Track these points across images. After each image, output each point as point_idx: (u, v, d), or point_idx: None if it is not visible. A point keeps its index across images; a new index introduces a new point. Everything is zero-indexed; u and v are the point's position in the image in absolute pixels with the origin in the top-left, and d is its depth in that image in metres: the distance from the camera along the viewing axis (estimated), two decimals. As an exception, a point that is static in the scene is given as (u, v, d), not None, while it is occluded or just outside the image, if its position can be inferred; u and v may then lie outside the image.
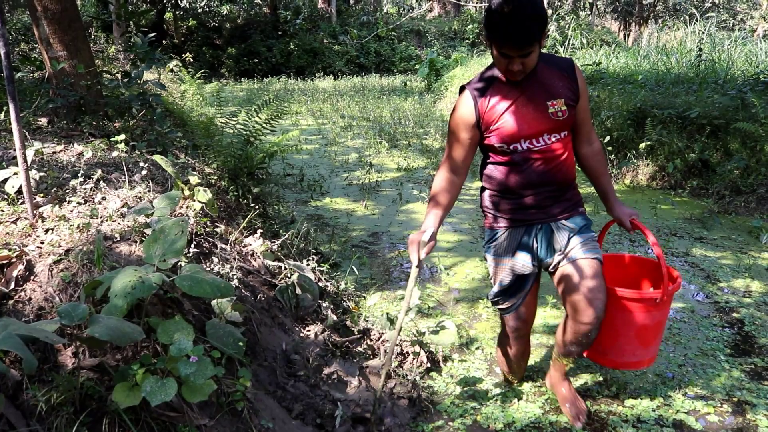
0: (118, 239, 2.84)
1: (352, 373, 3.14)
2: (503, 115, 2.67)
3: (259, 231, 3.97)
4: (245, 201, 4.90)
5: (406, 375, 3.38)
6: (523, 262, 2.92)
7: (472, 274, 5.13)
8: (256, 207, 4.89)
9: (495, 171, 2.85)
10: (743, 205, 6.76)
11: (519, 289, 3.01)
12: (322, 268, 4.30)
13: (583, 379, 3.50)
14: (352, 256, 5.34)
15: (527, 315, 3.11)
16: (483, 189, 3.01)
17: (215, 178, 4.77)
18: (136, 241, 2.84)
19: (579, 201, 2.94)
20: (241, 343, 2.54)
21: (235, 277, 3.16)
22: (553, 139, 2.72)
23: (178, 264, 2.65)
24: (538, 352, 3.88)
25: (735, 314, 4.39)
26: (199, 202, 3.46)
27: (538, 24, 2.43)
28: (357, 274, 4.93)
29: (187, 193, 3.50)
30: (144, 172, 3.84)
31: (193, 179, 3.52)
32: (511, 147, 2.71)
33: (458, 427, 3.12)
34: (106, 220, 2.99)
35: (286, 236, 4.43)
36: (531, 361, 3.69)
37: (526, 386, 3.45)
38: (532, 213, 2.85)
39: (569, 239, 2.84)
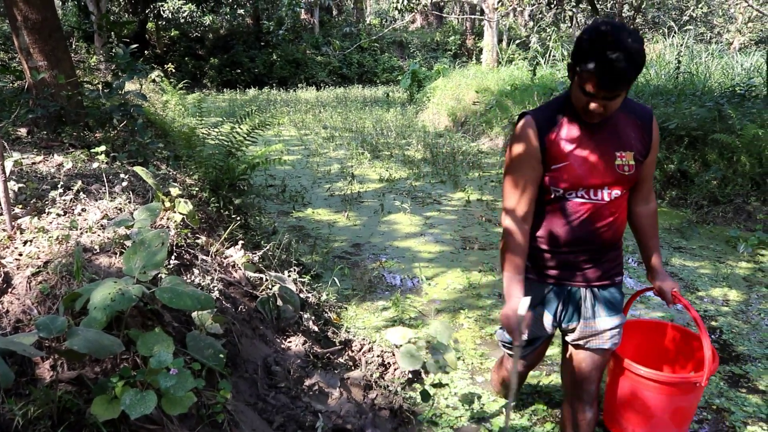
0: (98, 251, 2.83)
1: (333, 384, 3.13)
2: (568, 156, 2.38)
3: (240, 242, 3.97)
4: (226, 212, 4.89)
5: (388, 386, 3.38)
6: (544, 321, 2.65)
7: (453, 285, 5.14)
8: (238, 218, 4.88)
9: (536, 218, 2.54)
10: (721, 215, 6.84)
11: (529, 343, 2.76)
12: (303, 279, 4.30)
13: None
14: (334, 267, 5.34)
15: (534, 361, 2.93)
16: None
17: (196, 189, 4.76)
18: (116, 253, 2.83)
19: (620, 266, 2.64)
20: (221, 355, 2.53)
21: (215, 288, 3.15)
22: (613, 195, 2.42)
23: (159, 276, 2.64)
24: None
25: (713, 323, 4.44)
26: (180, 213, 3.45)
27: (637, 72, 2.18)
28: (338, 285, 4.93)
29: (167, 204, 3.49)
30: (124, 184, 3.82)
31: (174, 191, 3.51)
32: (567, 194, 2.42)
33: (440, 438, 3.13)
34: (86, 232, 2.98)
35: (268, 247, 4.42)
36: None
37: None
38: (566, 273, 2.56)
39: (596, 317, 2.57)
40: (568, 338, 2.66)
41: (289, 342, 3.38)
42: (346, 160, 10.36)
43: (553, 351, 3.90)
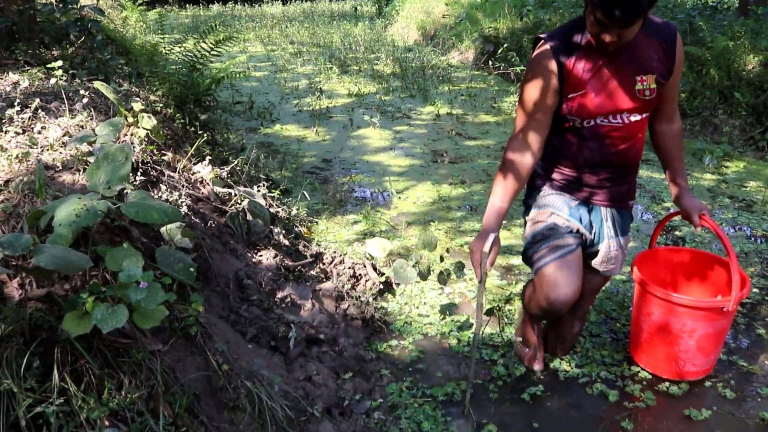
0: (60, 168, 2.77)
1: (305, 296, 3.17)
2: (586, 84, 2.31)
3: (208, 158, 3.92)
4: (192, 128, 4.81)
5: (360, 297, 3.43)
6: (574, 222, 2.58)
7: (424, 198, 5.17)
8: (204, 134, 4.81)
9: (558, 140, 2.51)
10: (688, 128, 6.89)
11: (560, 236, 2.57)
12: (273, 195, 4.28)
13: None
14: (304, 182, 5.32)
15: (573, 281, 2.54)
16: None
17: (161, 105, 4.65)
18: (79, 170, 2.77)
19: (634, 190, 2.66)
20: (192, 269, 2.53)
21: (184, 204, 3.12)
22: (632, 119, 2.38)
23: (125, 191, 2.60)
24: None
25: (677, 233, 4.54)
26: (144, 129, 3.38)
27: (649, 1, 2.08)
28: (309, 200, 4.93)
29: (130, 120, 3.41)
30: (85, 101, 3.71)
31: (137, 106, 3.42)
32: (585, 122, 2.38)
33: (411, 346, 3.20)
34: (47, 150, 2.91)
35: (236, 163, 4.38)
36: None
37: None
38: (585, 191, 2.55)
39: (613, 237, 2.61)
40: (588, 260, 2.66)
41: (260, 256, 3.39)
42: (314, 76, 10.19)
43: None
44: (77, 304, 2.11)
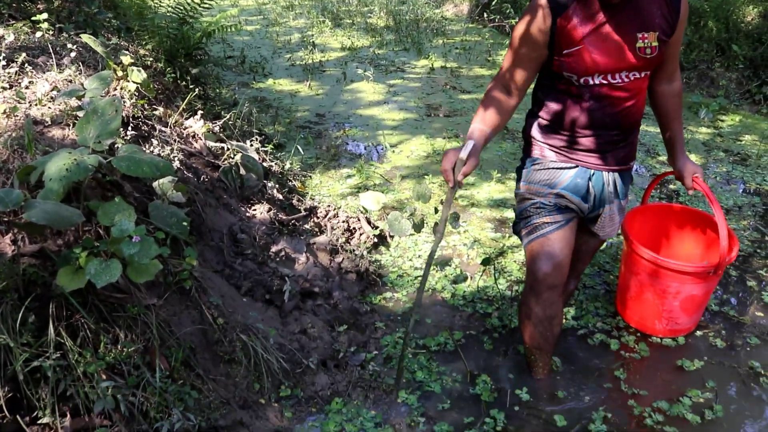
0: (49, 123, 2.74)
1: (299, 249, 3.17)
2: (583, 40, 2.16)
3: (200, 113, 3.87)
4: (183, 83, 4.74)
5: (354, 250, 3.44)
6: (575, 203, 2.44)
7: (418, 151, 5.14)
8: (196, 89, 4.74)
9: (553, 99, 2.36)
10: (684, 81, 6.82)
11: (548, 213, 2.47)
12: (266, 149, 4.26)
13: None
14: (297, 137, 5.29)
15: (563, 253, 2.48)
16: (532, 113, 2.48)
17: (150, 60, 4.58)
18: (68, 125, 2.74)
19: (635, 151, 2.51)
20: (185, 223, 2.52)
21: (176, 159, 3.10)
22: (632, 78, 2.24)
23: (115, 146, 2.58)
24: (481, 224, 3.97)
25: (671, 186, 4.55)
26: (134, 82, 3.33)
27: None
28: (302, 154, 4.91)
29: (120, 74, 3.36)
30: (73, 55, 3.65)
31: (126, 59, 3.36)
32: (582, 80, 2.23)
33: (405, 299, 3.22)
34: (35, 105, 2.87)
35: (228, 117, 4.34)
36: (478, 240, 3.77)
37: (477, 268, 3.56)
38: (584, 155, 2.39)
39: (613, 201, 2.49)
40: (589, 225, 2.58)
41: (254, 210, 3.38)
42: (306, 29, 10.03)
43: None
44: (70, 259, 2.11)
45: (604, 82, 2.22)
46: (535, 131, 2.45)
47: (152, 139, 3.13)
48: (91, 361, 2.07)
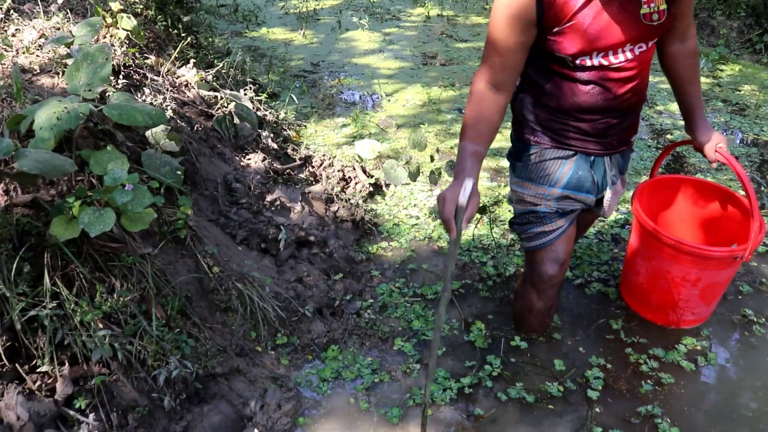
0: (38, 72, 2.69)
1: (294, 198, 3.16)
2: (575, 15, 1.83)
3: (192, 61, 3.81)
4: (175, 31, 4.66)
5: (349, 199, 3.43)
6: (581, 201, 2.27)
7: (413, 100, 5.10)
8: (188, 37, 4.66)
9: (545, 80, 2.05)
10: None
11: (549, 221, 2.28)
12: (260, 98, 4.21)
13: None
14: (291, 86, 5.23)
15: (566, 253, 2.34)
16: (521, 88, 2.17)
17: (141, 7, 4.48)
18: (58, 73, 2.70)
19: (637, 124, 2.25)
20: (179, 172, 2.51)
21: (169, 108, 3.06)
22: (637, 52, 1.93)
23: (106, 94, 2.55)
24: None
25: (669, 136, 4.52)
26: (124, 29, 3.26)
27: None
28: (297, 104, 4.86)
29: (109, 20, 3.29)
30: (60, 1, 3.57)
31: (115, 5, 3.30)
32: (578, 61, 1.92)
33: (401, 247, 3.22)
34: (23, 53, 2.82)
35: (221, 66, 4.28)
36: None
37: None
38: (585, 141, 2.14)
39: (610, 187, 2.29)
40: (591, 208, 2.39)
41: (249, 159, 3.36)
42: (300, -24, 9.84)
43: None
44: (64, 208, 2.09)
45: (604, 62, 1.93)
46: (526, 111, 2.17)
47: (144, 88, 3.09)
48: (88, 311, 2.07)
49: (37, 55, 2.80)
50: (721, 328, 2.72)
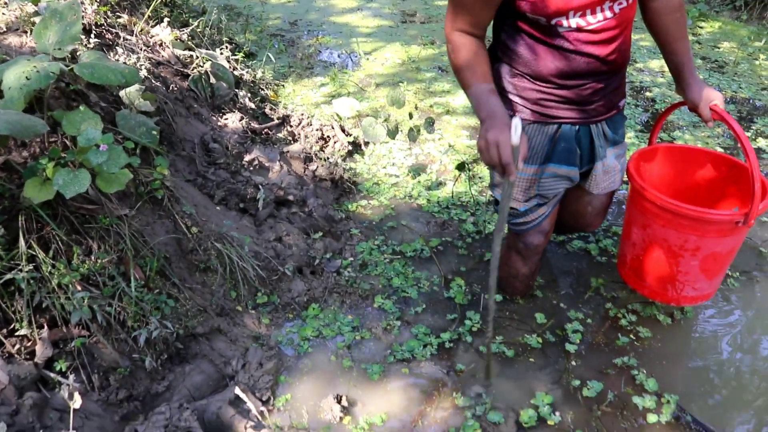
0: (5, 30, 2.62)
1: (273, 158, 3.14)
2: None
3: (166, 20, 3.74)
4: (148, -11, 4.56)
5: (328, 158, 3.41)
6: (565, 176, 2.13)
7: (392, 59, 5.05)
8: (161, -5, 4.57)
9: (522, 46, 1.92)
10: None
11: (540, 206, 2.23)
12: (236, 57, 4.15)
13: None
14: (269, 45, 5.16)
15: (551, 225, 2.32)
16: (497, 59, 2.04)
17: (111, -37, 4.38)
18: (26, 32, 2.63)
19: (624, 86, 2.14)
20: (154, 132, 2.47)
21: (143, 67, 3.01)
22: (617, 9, 1.80)
23: (77, 53, 2.49)
24: (456, 132, 3.95)
25: (648, 93, 4.53)
26: (94, -13, 3.19)
27: None
28: (274, 63, 4.80)
29: (79, -22, 3.21)
30: (29, -42, 3.48)
31: (84, -38, 3.21)
32: (553, 22, 1.79)
33: (380, 206, 3.22)
34: (-10, 11, 2.75)
35: (196, 25, 4.20)
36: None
37: (451, 174, 3.55)
38: (567, 110, 2.01)
39: (601, 159, 2.15)
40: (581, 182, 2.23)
41: (226, 119, 3.32)
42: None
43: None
44: (37, 170, 2.06)
45: (582, 23, 1.80)
46: (505, 83, 2.04)
47: (117, 48, 3.03)
48: (65, 273, 2.05)
49: (3, 13, 2.73)
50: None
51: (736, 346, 2.44)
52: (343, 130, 3.69)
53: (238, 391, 2.01)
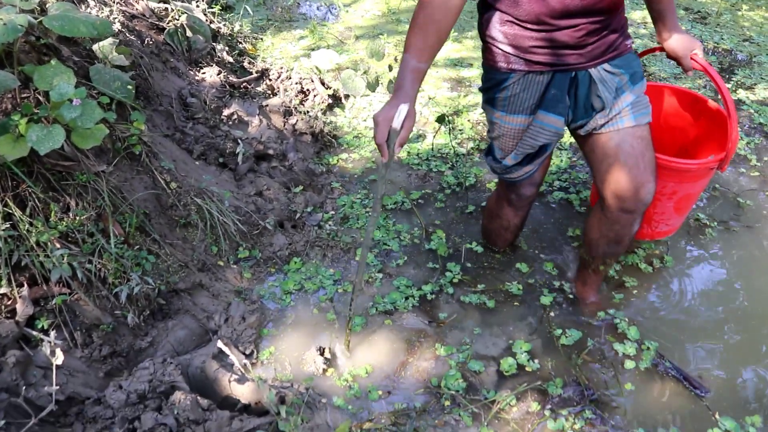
0: (-27, -18, 2.55)
1: (252, 112, 3.10)
2: None
3: (139, -29, 3.65)
4: (120, -61, 4.44)
5: (308, 111, 3.38)
6: (551, 126, 2.00)
7: (372, 11, 4.97)
8: (134, -54, 4.45)
9: None
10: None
11: (537, 155, 2.13)
12: (213, 10, 4.07)
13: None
14: (246, -3, 5.06)
15: (541, 177, 2.31)
16: (486, 7, 1.91)
17: None
18: (-6, -16, 2.56)
19: (626, 27, 1.97)
20: (129, 87, 2.43)
21: (116, 21, 2.94)
22: None
23: (46, 5, 2.43)
24: (437, 84, 3.92)
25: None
26: (63, -63, 3.09)
27: None
28: (252, 16, 4.71)
29: (47, -72, 3.11)
30: None
31: None
32: None
33: (363, 157, 3.21)
34: (-44, -38, 2.66)
35: (170, -24, 4.10)
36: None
37: (431, 127, 3.53)
38: (566, 54, 1.88)
39: (618, 94, 1.95)
40: (585, 130, 2.03)
41: (203, 73, 3.27)
42: None
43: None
44: (9, 127, 2.03)
45: None
46: (494, 31, 1.91)
47: (88, 0, 2.96)
48: (43, 231, 2.04)
49: (-30, -35, 2.64)
50: (678, 232, 2.78)
51: (712, 293, 2.47)
52: (323, 83, 3.65)
53: (221, 345, 2.02)
